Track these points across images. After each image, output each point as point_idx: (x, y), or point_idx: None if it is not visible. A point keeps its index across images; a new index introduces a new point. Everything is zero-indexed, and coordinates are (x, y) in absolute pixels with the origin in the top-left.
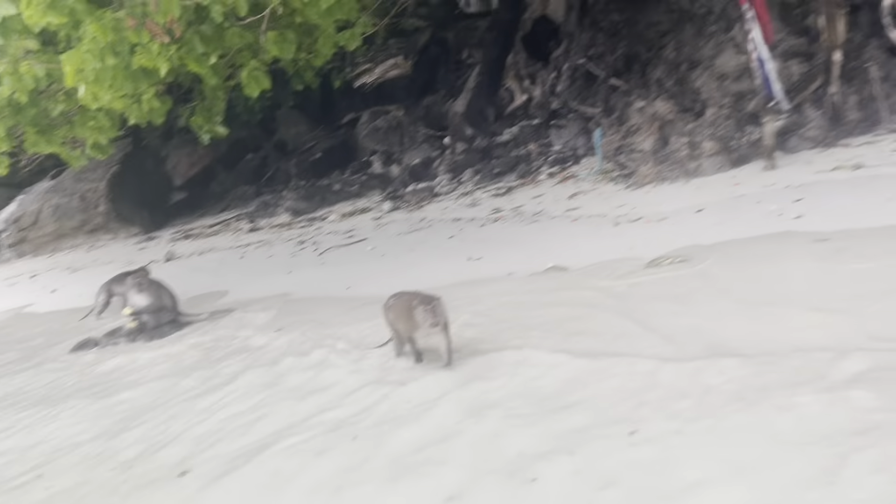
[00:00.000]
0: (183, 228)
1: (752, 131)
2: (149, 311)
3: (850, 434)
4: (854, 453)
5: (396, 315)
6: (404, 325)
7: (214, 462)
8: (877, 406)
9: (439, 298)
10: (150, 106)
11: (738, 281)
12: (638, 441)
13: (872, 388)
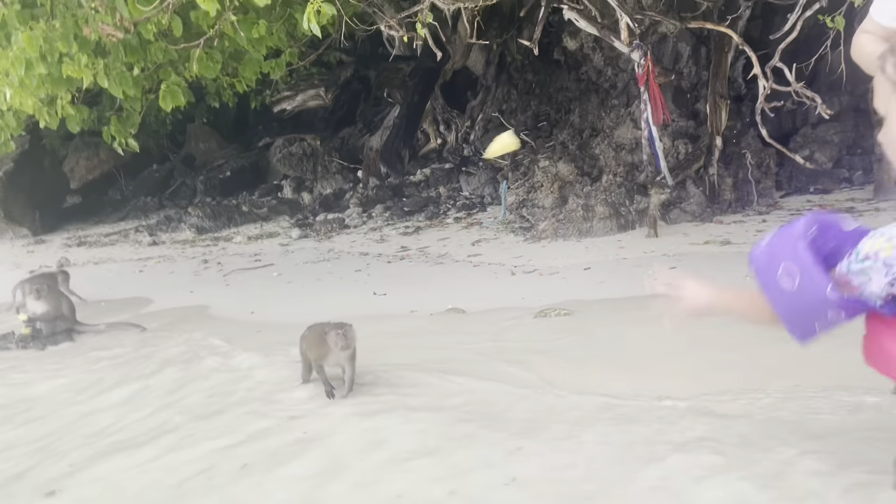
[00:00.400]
0: (77, 234)
1: (640, 200)
2: (45, 318)
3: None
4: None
5: (309, 343)
6: (316, 353)
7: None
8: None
9: (351, 325)
10: (64, 113)
11: (609, 336)
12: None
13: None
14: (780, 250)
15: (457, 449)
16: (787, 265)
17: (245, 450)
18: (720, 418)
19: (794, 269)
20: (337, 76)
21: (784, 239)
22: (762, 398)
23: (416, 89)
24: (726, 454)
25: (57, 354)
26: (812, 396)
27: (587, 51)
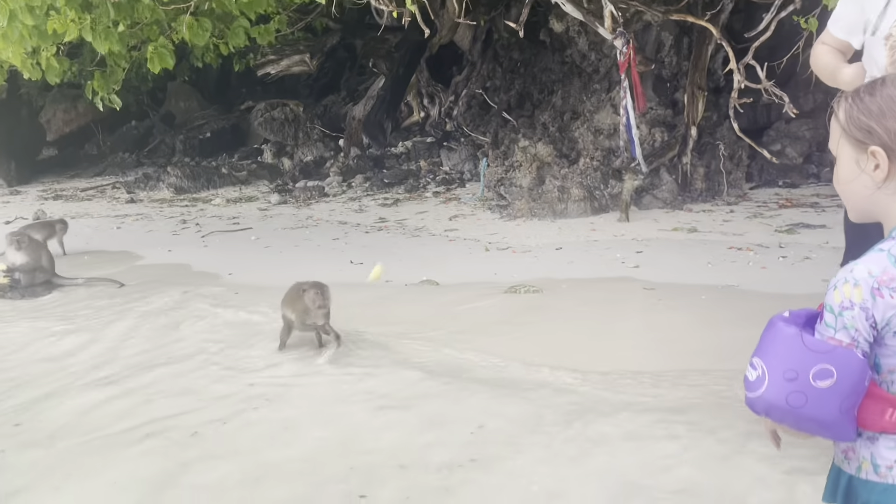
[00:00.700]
0: (53, 187)
1: (614, 185)
2: (24, 269)
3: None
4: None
5: (287, 302)
6: (293, 311)
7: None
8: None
9: (326, 286)
10: (47, 65)
11: (575, 314)
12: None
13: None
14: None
15: (422, 404)
16: (818, 368)
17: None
18: (669, 397)
19: (826, 366)
20: (323, 43)
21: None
22: (714, 379)
23: (401, 61)
24: (677, 437)
25: (33, 304)
26: None
27: (573, 34)
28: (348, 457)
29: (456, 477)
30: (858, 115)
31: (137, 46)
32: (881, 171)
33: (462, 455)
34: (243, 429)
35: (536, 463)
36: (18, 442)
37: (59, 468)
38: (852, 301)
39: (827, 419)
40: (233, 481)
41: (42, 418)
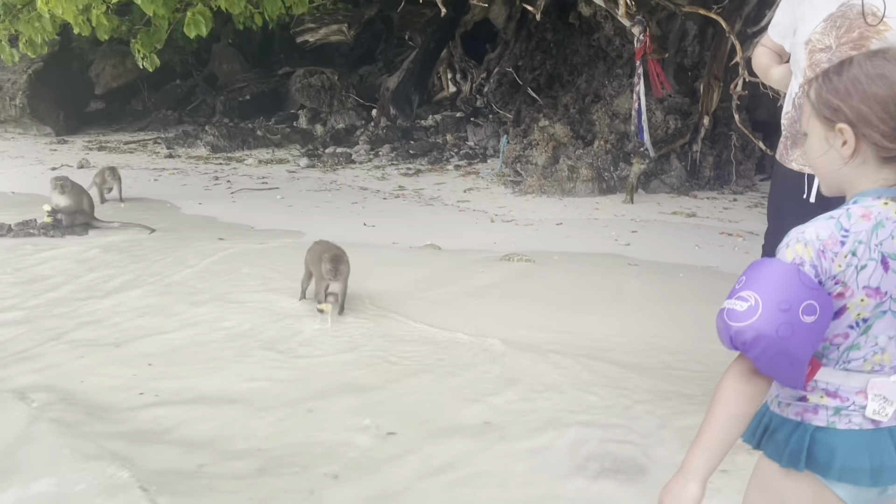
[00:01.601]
0: (98, 139)
1: (623, 168)
2: (66, 211)
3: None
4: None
5: (311, 258)
6: (315, 269)
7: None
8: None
9: (344, 260)
10: (98, 22)
11: (561, 283)
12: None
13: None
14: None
15: (408, 352)
16: (807, 304)
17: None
18: (626, 368)
19: (812, 302)
20: (361, 14)
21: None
22: (682, 353)
23: (433, 36)
24: (626, 410)
25: (72, 241)
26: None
27: (599, 18)
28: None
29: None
30: (827, 95)
31: (181, 8)
32: (848, 147)
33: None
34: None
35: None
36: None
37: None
38: (803, 258)
39: (801, 356)
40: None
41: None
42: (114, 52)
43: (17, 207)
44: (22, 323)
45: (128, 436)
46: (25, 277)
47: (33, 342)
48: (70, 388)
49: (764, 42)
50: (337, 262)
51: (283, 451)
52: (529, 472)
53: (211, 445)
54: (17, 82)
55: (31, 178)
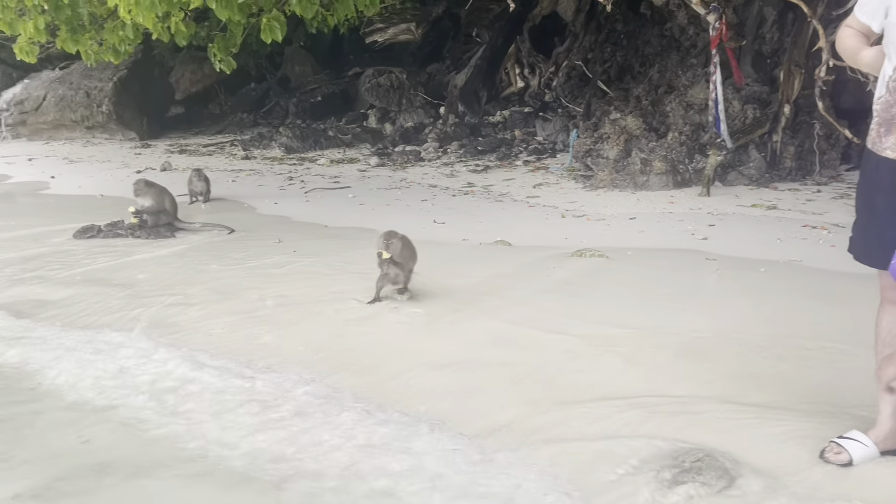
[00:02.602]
0: (179, 142)
1: (699, 160)
2: (150, 212)
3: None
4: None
5: (377, 245)
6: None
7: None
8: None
9: (399, 239)
10: (176, 28)
11: (633, 278)
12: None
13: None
14: None
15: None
16: None
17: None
18: (706, 366)
19: None
20: (428, 13)
21: None
22: (765, 350)
23: (501, 32)
24: (707, 410)
25: (157, 242)
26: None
27: (672, 7)
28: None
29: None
30: None
31: (256, 14)
32: None
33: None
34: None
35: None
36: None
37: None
38: None
39: None
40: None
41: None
42: (192, 58)
43: (105, 209)
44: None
45: None
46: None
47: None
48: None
49: (849, 23)
50: (389, 237)
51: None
52: (604, 473)
53: None
54: (104, 90)
55: (118, 182)
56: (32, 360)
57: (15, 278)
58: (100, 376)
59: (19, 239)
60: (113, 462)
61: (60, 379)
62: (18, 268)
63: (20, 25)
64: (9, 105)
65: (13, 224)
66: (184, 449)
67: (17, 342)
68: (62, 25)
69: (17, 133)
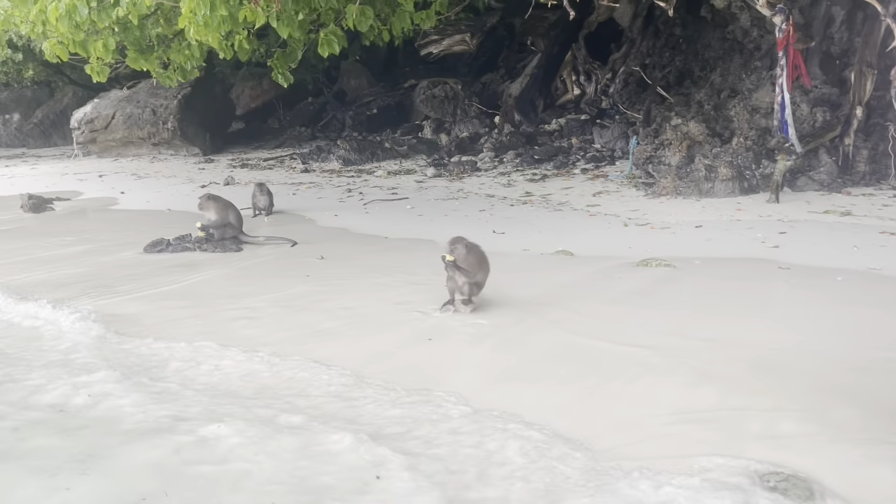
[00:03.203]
0: (240, 157)
1: (766, 165)
2: (215, 226)
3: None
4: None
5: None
6: None
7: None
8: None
9: (464, 246)
10: (240, 45)
11: (702, 289)
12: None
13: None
14: None
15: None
16: None
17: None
18: (782, 379)
19: None
20: (483, 22)
21: None
22: (843, 363)
23: (557, 40)
24: (787, 424)
25: (224, 255)
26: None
27: (735, 10)
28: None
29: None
30: None
31: (314, 30)
32: None
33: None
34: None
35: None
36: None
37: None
38: None
39: None
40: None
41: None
42: (252, 74)
43: (173, 223)
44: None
45: None
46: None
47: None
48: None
49: None
50: (454, 242)
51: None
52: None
53: None
54: (169, 107)
55: (184, 196)
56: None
57: (91, 292)
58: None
59: (92, 252)
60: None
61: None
62: (92, 283)
63: (91, 46)
64: (80, 124)
65: (87, 238)
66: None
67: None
68: (130, 46)
69: (87, 150)
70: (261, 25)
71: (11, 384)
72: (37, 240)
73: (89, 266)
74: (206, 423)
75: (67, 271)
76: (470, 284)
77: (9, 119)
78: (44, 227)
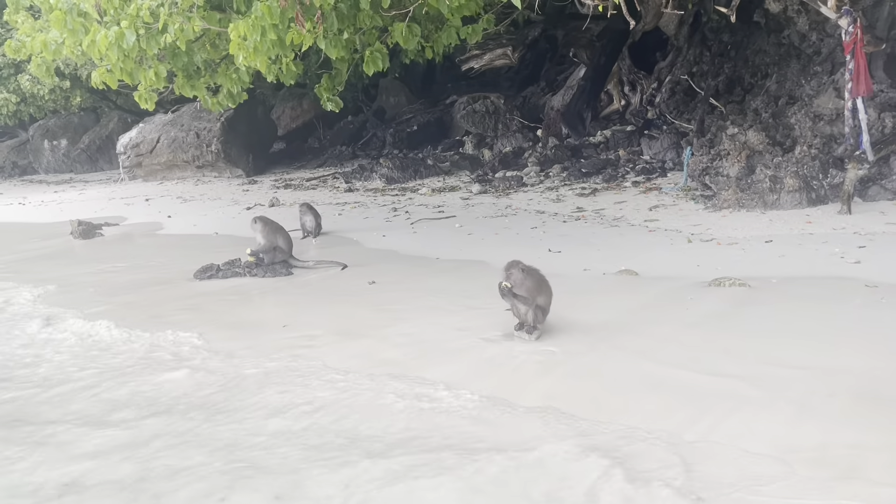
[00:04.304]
0: (283, 178)
1: (835, 175)
2: (265, 250)
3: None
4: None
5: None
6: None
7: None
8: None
9: (520, 270)
10: (287, 69)
11: (787, 310)
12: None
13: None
14: None
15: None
16: None
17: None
18: (889, 408)
19: None
20: (524, 36)
21: None
22: None
23: (603, 51)
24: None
25: (274, 280)
26: None
27: (791, 14)
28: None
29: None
30: None
31: (359, 49)
32: None
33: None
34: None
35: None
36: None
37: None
38: None
39: None
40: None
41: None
42: (292, 94)
43: (221, 247)
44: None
45: None
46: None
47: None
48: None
49: None
50: (510, 266)
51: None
52: None
53: None
54: (212, 130)
55: (230, 219)
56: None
57: (148, 322)
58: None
59: (144, 281)
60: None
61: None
62: (149, 312)
63: (141, 74)
64: (126, 149)
65: (138, 264)
66: None
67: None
68: (179, 72)
69: (133, 174)
70: (308, 47)
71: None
72: (87, 265)
73: (142, 293)
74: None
75: (123, 297)
76: (534, 310)
77: (57, 145)
78: (93, 252)
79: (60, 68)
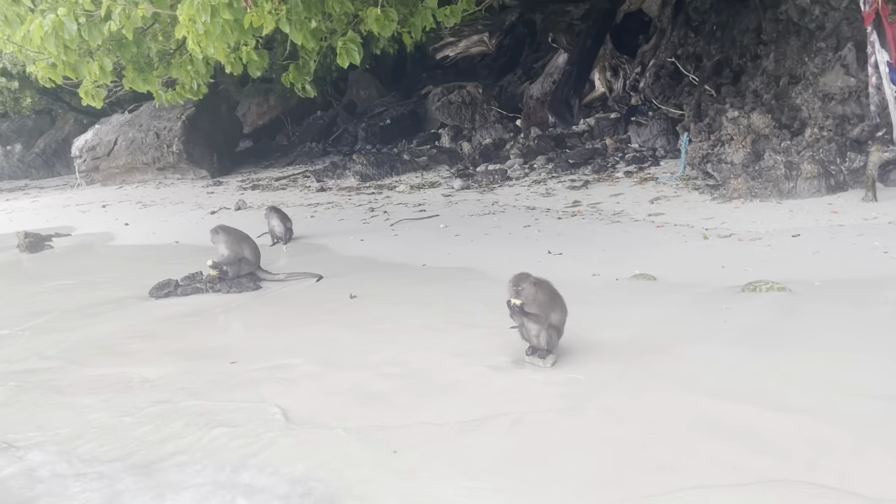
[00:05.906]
0: (250, 178)
1: (854, 158)
2: (228, 262)
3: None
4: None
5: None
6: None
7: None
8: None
9: (531, 284)
10: (248, 58)
11: (840, 318)
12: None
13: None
14: None
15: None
16: None
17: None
18: None
19: None
20: (502, 20)
21: None
22: None
23: (588, 33)
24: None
25: (240, 296)
26: None
27: None
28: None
29: None
30: None
31: (326, 38)
32: None
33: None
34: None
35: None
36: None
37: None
38: None
39: None
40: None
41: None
42: (257, 90)
43: (182, 258)
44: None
45: None
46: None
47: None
48: None
49: None
50: (519, 281)
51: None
52: None
53: None
54: (173, 129)
55: (193, 225)
56: None
57: (98, 353)
58: None
59: (94, 304)
60: None
61: None
62: (95, 345)
63: (84, 68)
64: (81, 152)
65: (87, 281)
66: None
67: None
68: (128, 65)
69: (91, 179)
70: (269, 32)
71: None
72: (32, 284)
73: (90, 319)
74: None
75: (65, 331)
76: (547, 331)
77: (10, 150)
78: (40, 268)
79: (7, 68)
